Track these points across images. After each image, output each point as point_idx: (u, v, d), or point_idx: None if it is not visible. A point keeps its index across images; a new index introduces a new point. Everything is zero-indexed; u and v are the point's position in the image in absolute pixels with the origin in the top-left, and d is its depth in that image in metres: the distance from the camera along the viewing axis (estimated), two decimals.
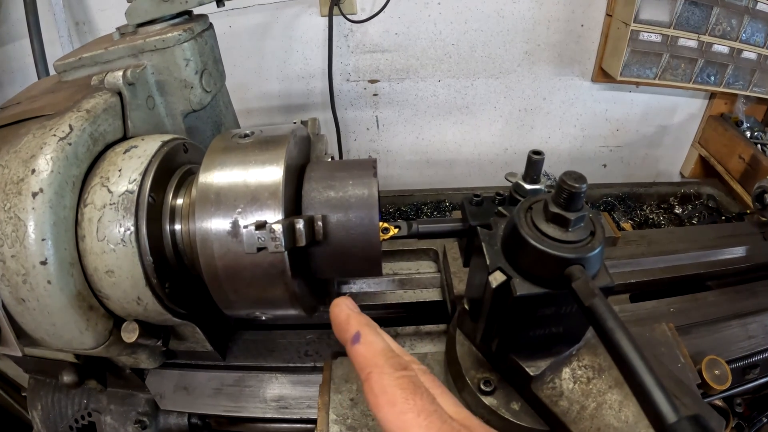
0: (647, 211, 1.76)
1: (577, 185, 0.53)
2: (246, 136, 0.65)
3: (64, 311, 0.65)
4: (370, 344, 0.46)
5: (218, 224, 0.58)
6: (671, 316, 1.07)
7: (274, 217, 0.57)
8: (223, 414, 0.88)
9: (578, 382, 0.66)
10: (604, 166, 2.03)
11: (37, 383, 1.05)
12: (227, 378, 0.90)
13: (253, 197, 0.58)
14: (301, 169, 0.67)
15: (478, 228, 0.63)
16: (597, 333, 0.50)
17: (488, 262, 0.59)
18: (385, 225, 0.66)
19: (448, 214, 1.64)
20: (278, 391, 0.88)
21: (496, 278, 0.58)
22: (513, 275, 0.58)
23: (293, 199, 0.62)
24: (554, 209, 0.55)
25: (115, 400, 0.95)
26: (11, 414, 1.92)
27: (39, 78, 1.51)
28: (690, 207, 1.76)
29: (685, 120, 1.92)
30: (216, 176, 0.61)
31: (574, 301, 0.53)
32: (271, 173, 0.59)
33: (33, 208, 0.62)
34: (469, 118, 1.87)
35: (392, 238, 0.68)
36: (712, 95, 1.85)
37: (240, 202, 0.58)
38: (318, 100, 1.81)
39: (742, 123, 1.81)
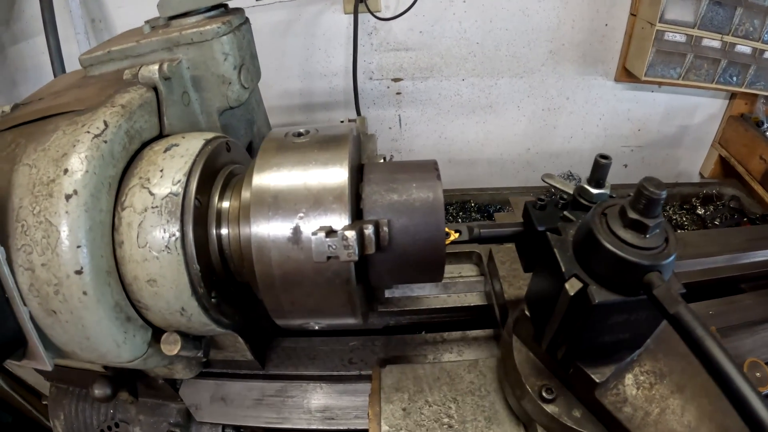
0: (670, 212, 1.74)
1: (657, 191, 0.52)
2: (300, 135, 0.61)
3: (100, 324, 0.59)
4: None
5: (277, 230, 0.55)
6: (711, 319, 1.06)
7: (340, 222, 0.53)
8: (265, 426, 0.84)
9: (641, 387, 0.65)
10: (625, 166, 2.01)
11: (59, 391, 1.01)
12: (268, 388, 0.86)
13: (315, 201, 0.54)
14: (357, 171, 0.63)
15: (548, 234, 0.60)
16: (685, 341, 0.48)
17: (563, 269, 0.57)
18: (446, 230, 0.63)
19: (473, 214, 1.61)
20: (323, 401, 0.84)
21: (573, 286, 0.56)
22: (589, 282, 0.56)
23: (354, 203, 0.58)
24: (633, 215, 0.54)
25: (145, 411, 0.91)
26: (31, 420, 1.88)
27: (55, 76, 1.47)
28: (712, 208, 1.73)
29: (705, 120, 1.90)
30: (273, 177, 0.57)
31: (655, 308, 0.52)
32: (335, 174, 0.55)
33: (66, 212, 0.57)
34: (493, 118, 1.84)
35: (453, 243, 0.64)
36: (733, 95, 1.83)
37: (301, 206, 0.54)
38: (340, 98, 1.78)
39: (762, 123, 1.79)
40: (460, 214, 1.61)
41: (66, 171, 0.59)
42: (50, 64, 1.46)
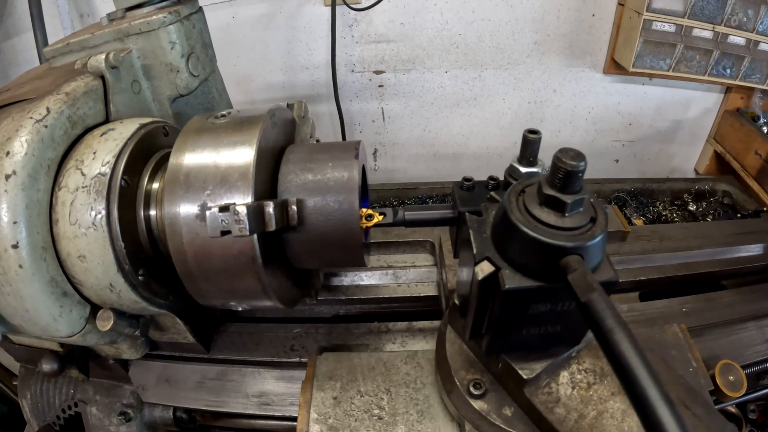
0: (660, 208, 1.69)
1: (574, 163, 0.47)
2: (222, 116, 0.62)
3: (36, 297, 0.63)
4: None
5: (187, 208, 0.55)
6: (683, 317, 1.02)
7: (243, 199, 0.53)
8: (204, 408, 0.85)
9: (577, 387, 0.61)
10: (617, 161, 1.96)
11: (27, 372, 1.04)
12: (210, 371, 0.87)
13: (222, 179, 0.55)
14: (280, 152, 0.63)
15: (467, 214, 0.58)
16: (594, 333, 0.44)
17: (475, 252, 0.54)
18: (369, 211, 0.62)
19: None
20: (261, 387, 0.85)
21: (483, 269, 0.53)
22: (502, 266, 0.53)
23: (269, 183, 0.59)
24: (549, 191, 0.50)
25: (101, 391, 0.93)
26: (18, 405, 1.93)
27: None
28: (704, 204, 1.68)
29: (699, 115, 1.84)
30: (186, 158, 0.58)
31: (570, 296, 0.48)
32: (242, 154, 0.56)
33: (5, 191, 0.60)
34: (477, 111, 1.82)
35: (377, 225, 0.63)
36: (728, 89, 1.76)
37: (209, 183, 0.55)
38: (323, 91, 1.77)
39: (758, 118, 1.72)
40: None
41: (8, 153, 0.63)
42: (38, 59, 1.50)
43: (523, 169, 0.63)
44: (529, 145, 0.62)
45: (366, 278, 0.92)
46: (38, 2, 1.54)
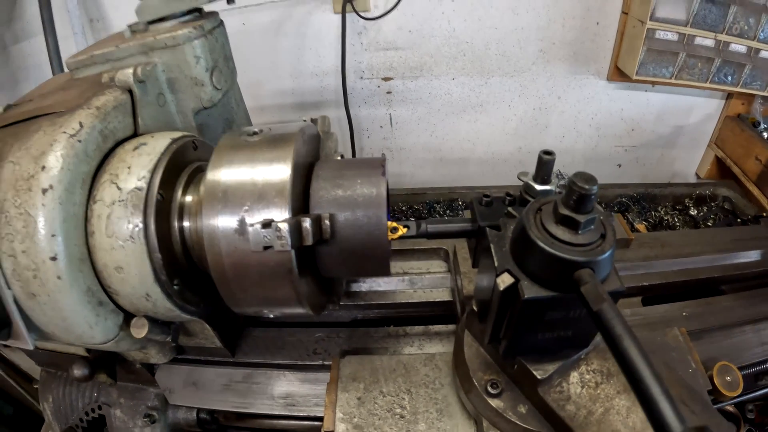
0: (662, 213, 1.72)
1: (587, 187, 0.52)
2: (255, 134, 0.65)
3: (73, 306, 0.65)
4: None
5: (225, 222, 0.58)
6: (684, 321, 1.05)
7: (281, 215, 0.57)
8: (231, 410, 0.88)
9: (586, 386, 0.66)
10: (619, 166, 2.00)
11: (49, 376, 1.06)
12: (236, 374, 0.91)
13: (260, 195, 0.58)
14: (309, 168, 0.67)
15: (487, 229, 0.62)
16: (604, 339, 0.49)
17: (496, 264, 0.59)
18: (394, 224, 0.66)
19: (460, 212, 1.62)
20: (286, 389, 0.88)
21: (504, 280, 0.58)
22: (521, 278, 0.58)
23: (301, 198, 0.62)
24: (564, 211, 0.55)
25: (125, 394, 0.96)
26: (24, 406, 1.96)
27: (54, 75, 1.52)
28: (705, 209, 1.72)
29: (701, 120, 1.87)
30: (224, 174, 0.61)
31: (582, 305, 0.53)
32: (278, 171, 0.59)
33: (43, 204, 0.62)
34: (483, 117, 1.85)
35: (401, 238, 0.67)
36: (729, 95, 1.80)
37: (247, 200, 0.58)
38: (331, 97, 1.81)
39: (759, 124, 1.76)
40: (447, 212, 1.63)
41: (43, 168, 0.65)
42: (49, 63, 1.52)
43: (539, 187, 0.68)
44: (544, 165, 0.67)
45: (383, 284, 0.96)
46: (49, 7, 1.54)
